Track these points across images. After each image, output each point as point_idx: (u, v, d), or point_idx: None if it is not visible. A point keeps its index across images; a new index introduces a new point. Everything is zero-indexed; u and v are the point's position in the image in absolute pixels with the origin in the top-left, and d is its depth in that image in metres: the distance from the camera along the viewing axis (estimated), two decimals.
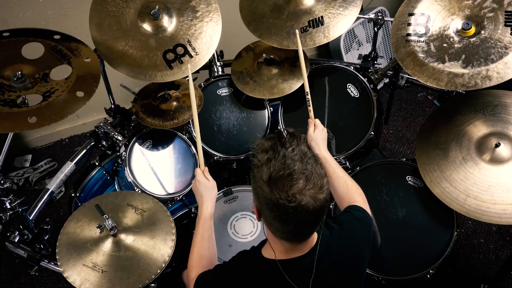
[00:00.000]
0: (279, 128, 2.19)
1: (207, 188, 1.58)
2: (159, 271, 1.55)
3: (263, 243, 1.32)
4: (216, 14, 1.97)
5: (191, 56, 1.91)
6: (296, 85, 2.11)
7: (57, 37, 1.76)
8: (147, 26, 1.91)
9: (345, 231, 1.33)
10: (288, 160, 1.11)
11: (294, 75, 2.14)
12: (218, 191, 1.67)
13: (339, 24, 2.00)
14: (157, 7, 1.89)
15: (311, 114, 1.83)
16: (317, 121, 1.79)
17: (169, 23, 1.93)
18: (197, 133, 1.71)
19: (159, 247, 1.61)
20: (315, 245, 1.24)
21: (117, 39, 1.85)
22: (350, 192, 1.55)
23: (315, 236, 1.25)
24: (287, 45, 2.03)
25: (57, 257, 1.57)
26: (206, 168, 1.64)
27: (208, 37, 1.94)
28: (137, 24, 1.90)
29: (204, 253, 1.47)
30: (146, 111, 2.08)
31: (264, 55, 2.19)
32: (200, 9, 1.96)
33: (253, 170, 1.16)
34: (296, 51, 1.99)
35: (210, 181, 1.60)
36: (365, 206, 1.49)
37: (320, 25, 2.00)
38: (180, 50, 1.90)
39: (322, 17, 2.01)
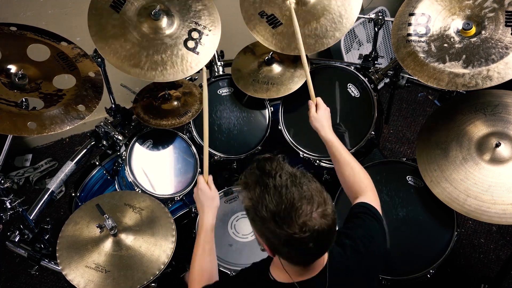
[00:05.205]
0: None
1: (207, 198, 1.52)
2: (162, 266, 1.56)
3: (266, 262, 1.27)
4: None
5: (206, 34, 1.95)
6: (297, 85, 2.10)
7: (64, 43, 1.76)
8: (155, 29, 1.92)
9: (359, 248, 1.26)
10: (282, 189, 1.05)
11: (295, 74, 2.14)
12: (218, 191, 1.64)
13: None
14: (158, 7, 1.89)
15: (312, 93, 1.71)
16: (319, 100, 1.65)
17: (169, 22, 1.93)
18: (205, 141, 1.67)
19: (161, 243, 1.62)
20: (326, 263, 1.20)
21: (140, 57, 1.87)
22: (358, 181, 1.46)
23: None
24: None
25: (58, 260, 1.56)
26: (211, 177, 1.59)
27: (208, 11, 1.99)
28: (148, 35, 1.91)
29: (205, 267, 1.44)
30: (146, 111, 2.07)
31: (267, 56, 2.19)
32: None
33: (250, 212, 1.11)
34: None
35: (212, 190, 1.54)
36: (376, 201, 1.40)
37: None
38: (194, 34, 1.93)
39: None
